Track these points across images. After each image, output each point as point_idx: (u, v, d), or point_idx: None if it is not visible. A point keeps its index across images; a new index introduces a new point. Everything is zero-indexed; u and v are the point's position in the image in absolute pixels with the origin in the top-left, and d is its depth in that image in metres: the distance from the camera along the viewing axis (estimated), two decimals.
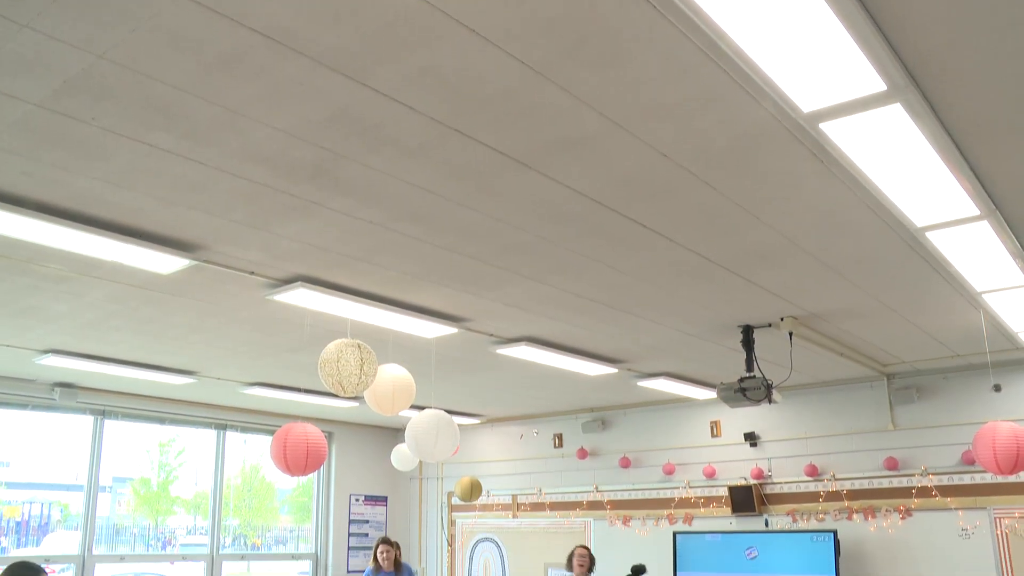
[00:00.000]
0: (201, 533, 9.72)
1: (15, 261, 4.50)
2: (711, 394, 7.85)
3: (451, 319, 5.53)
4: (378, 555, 7.93)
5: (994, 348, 6.25)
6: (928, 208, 3.77)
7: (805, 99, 2.80)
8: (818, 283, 4.96)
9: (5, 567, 4.78)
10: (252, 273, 4.62)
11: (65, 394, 8.12)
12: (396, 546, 8.02)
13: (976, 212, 3.80)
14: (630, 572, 6.74)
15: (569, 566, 7.56)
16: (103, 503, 9.00)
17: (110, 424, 8.79)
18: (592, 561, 7.52)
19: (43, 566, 4.85)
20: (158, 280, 4.74)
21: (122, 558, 9.17)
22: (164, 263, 4.39)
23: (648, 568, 6.84)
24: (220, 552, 9.59)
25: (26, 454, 8.79)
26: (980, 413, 6.86)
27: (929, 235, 4.09)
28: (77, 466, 8.69)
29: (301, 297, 4.88)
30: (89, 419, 8.66)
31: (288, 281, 4.75)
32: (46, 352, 6.69)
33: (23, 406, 8.16)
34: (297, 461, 4.88)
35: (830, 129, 2.99)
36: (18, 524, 8.70)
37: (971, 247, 4.28)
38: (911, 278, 4.90)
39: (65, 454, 8.79)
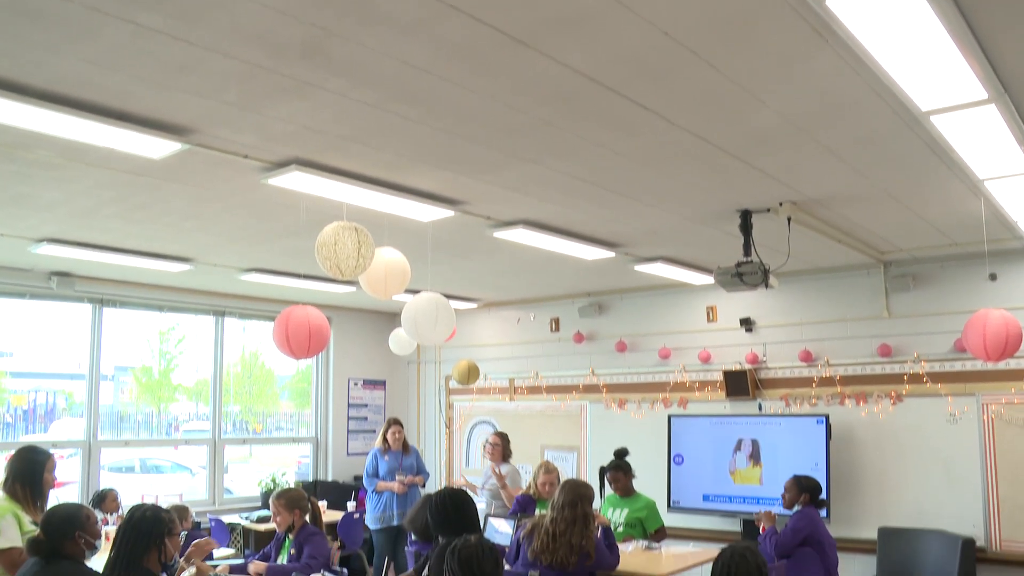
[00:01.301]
0: (203, 419, 9.89)
1: (1, 147, 4.42)
2: (708, 279, 7.87)
3: (447, 202, 5.48)
4: (388, 436, 8.10)
5: (992, 237, 6.23)
6: (934, 91, 3.68)
7: None
8: (818, 167, 4.90)
9: (15, 451, 4.88)
10: (246, 156, 4.55)
11: (62, 283, 8.13)
12: (401, 424, 8.21)
13: (984, 96, 3.71)
14: (614, 457, 6.88)
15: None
16: (106, 392, 9.13)
17: (109, 312, 8.83)
18: (505, 448, 7.71)
19: (50, 451, 4.95)
20: (150, 165, 4.66)
21: (126, 443, 9.37)
22: (156, 148, 4.31)
23: (635, 451, 6.97)
24: (222, 437, 9.78)
25: (29, 344, 8.87)
26: (974, 302, 6.90)
27: (933, 119, 4.01)
28: (79, 355, 8.78)
29: (296, 180, 4.82)
30: (88, 307, 8.70)
31: (282, 164, 4.68)
32: (40, 241, 6.67)
33: (21, 295, 8.18)
34: (300, 344, 4.91)
35: (835, 3, 2.88)
36: (25, 412, 8.84)
37: (976, 132, 4.20)
38: (912, 164, 4.84)
39: (66, 344, 8.87)
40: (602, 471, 6.91)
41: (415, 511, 5.36)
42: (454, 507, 4.65)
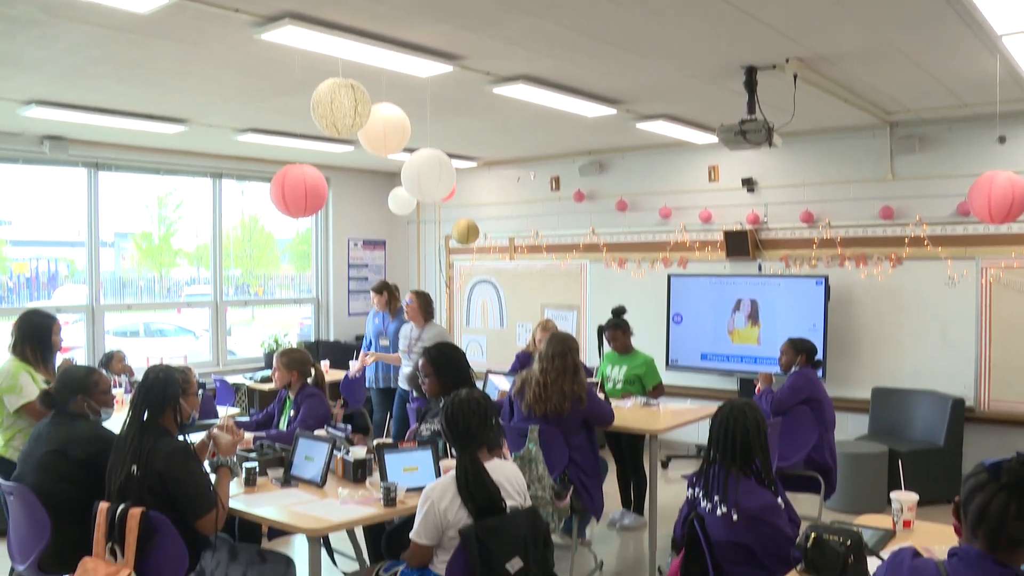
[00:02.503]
0: (205, 283, 9.94)
1: None
2: (710, 138, 7.76)
3: (446, 57, 5.32)
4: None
5: (1005, 98, 6.08)
6: None
7: None
8: (827, 21, 4.73)
9: (19, 315, 4.92)
10: (236, 11, 4.37)
11: (55, 147, 8.00)
12: (381, 291, 8.19)
13: None
14: (612, 315, 6.95)
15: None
16: (107, 258, 9.15)
17: (105, 177, 8.74)
18: (425, 307, 7.44)
19: (54, 315, 4.99)
20: (138, 21, 4.49)
21: (129, 307, 9.43)
22: (141, 0, 4.14)
23: (634, 310, 7.02)
24: (224, 299, 9.84)
25: (27, 212, 8.83)
26: (981, 165, 6.81)
27: None
28: (78, 223, 8.74)
29: (289, 35, 4.65)
30: (83, 172, 8.60)
31: (275, 18, 4.50)
32: (28, 103, 6.52)
33: (13, 160, 8.07)
34: (296, 202, 4.86)
35: None
36: (28, 280, 8.87)
37: None
38: (927, 19, 4.66)
39: (65, 211, 8.82)
40: (600, 329, 6.98)
41: (415, 369, 5.44)
42: (450, 364, 4.79)
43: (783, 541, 3.28)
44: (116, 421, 3.94)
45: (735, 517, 3.31)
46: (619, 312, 6.94)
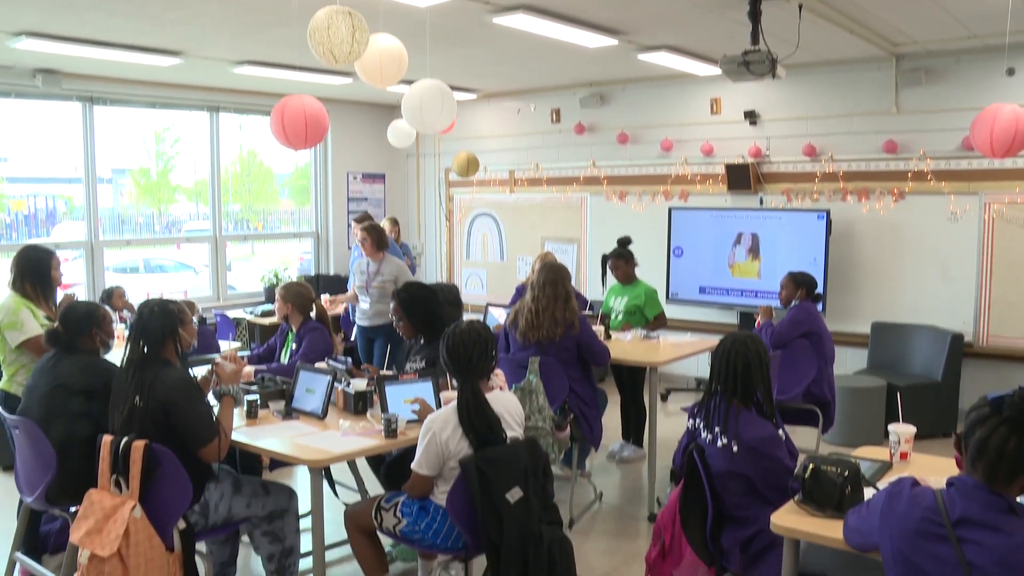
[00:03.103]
0: (204, 219, 9.90)
1: None
2: (713, 70, 7.65)
3: None
4: None
5: (1016, 28, 5.97)
6: None
7: None
8: None
9: (17, 251, 4.90)
10: None
11: (48, 80, 7.89)
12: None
13: None
14: (617, 245, 6.93)
15: None
16: (105, 195, 9.09)
17: (100, 112, 8.62)
18: (378, 239, 7.04)
19: (53, 250, 4.98)
20: None
21: (128, 242, 9.40)
22: None
23: (635, 243, 6.98)
24: (223, 234, 9.81)
25: (23, 149, 8.74)
26: (989, 98, 6.67)
27: None
28: (75, 159, 8.66)
29: None
30: (77, 106, 8.49)
31: None
32: (19, 35, 6.40)
33: (6, 94, 7.95)
34: (297, 133, 4.79)
35: None
36: (26, 217, 8.82)
37: None
38: None
39: (61, 147, 8.73)
40: (604, 259, 6.98)
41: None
42: (420, 304, 4.79)
43: (782, 472, 3.31)
44: (115, 356, 3.95)
45: (735, 448, 3.33)
46: (624, 242, 6.93)
